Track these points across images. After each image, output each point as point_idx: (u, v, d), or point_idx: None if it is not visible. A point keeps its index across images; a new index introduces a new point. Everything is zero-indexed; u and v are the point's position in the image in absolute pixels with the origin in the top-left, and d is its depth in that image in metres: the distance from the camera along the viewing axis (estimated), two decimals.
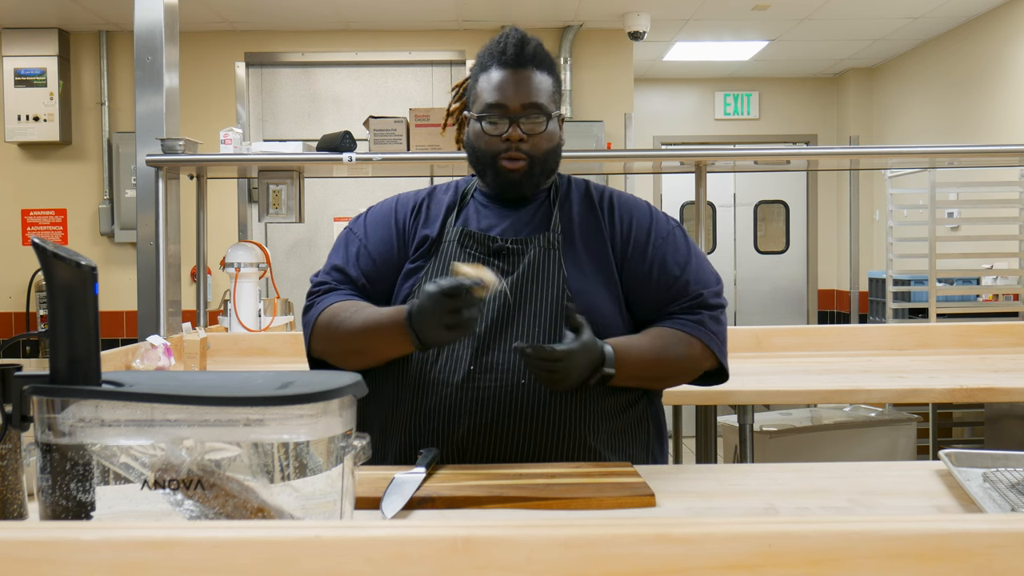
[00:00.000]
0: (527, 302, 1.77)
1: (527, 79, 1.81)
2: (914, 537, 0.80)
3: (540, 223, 1.85)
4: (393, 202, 1.94)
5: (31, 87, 6.00)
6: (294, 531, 0.81)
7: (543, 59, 1.84)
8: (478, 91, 1.84)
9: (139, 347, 2.90)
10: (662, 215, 1.91)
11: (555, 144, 1.85)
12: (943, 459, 1.59)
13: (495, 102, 1.80)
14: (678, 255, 1.84)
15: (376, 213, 1.93)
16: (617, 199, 1.90)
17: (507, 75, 1.81)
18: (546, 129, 1.82)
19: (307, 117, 6.30)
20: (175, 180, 3.61)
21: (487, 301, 1.75)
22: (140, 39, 3.58)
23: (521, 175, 1.82)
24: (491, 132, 1.81)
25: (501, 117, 1.80)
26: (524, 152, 1.81)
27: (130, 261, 5.75)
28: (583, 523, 0.82)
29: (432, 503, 1.45)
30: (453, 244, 1.84)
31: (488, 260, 1.80)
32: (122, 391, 1.08)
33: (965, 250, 5.22)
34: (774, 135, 7.89)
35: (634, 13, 5.88)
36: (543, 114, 1.81)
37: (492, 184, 1.85)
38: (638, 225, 1.86)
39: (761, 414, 4.44)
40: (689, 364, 1.81)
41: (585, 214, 1.87)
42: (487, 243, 1.82)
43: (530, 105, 1.80)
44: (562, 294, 1.78)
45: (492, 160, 1.82)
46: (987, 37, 5.96)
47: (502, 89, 1.80)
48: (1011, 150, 3.94)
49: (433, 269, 1.82)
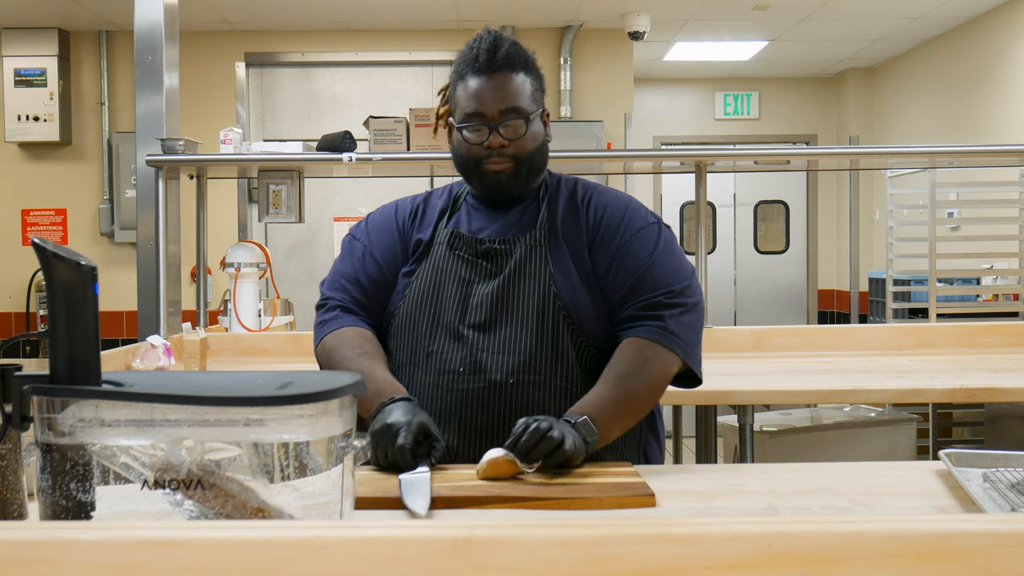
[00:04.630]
0: (514, 301, 1.78)
1: (502, 84, 1.80)
2: (914, 537, 0.80)
3: (528, 222, 1.85)
4: (392, 208, 1.96)
5: (31, 87, 6.00)
6: (294, 531, 0.81)
7: (517, 59, 1.82)
8: (457, 99, 1.84)
9: (139, 347, 2.90)
10: (642, 212, 1.86)
11: (540, 143, 1.85)
12: (943, 459, 1.59)
13: (473, 111, 1.80)
14: (643, 250, 1.79)
15: (377, 219, 1.95)
16: (598, 194, 1.87)
17: (482, 82, 1.80)
18: (527, 131, 1.81)
19: (307, 117, 6.30)
20: (175, 180, 3.61)
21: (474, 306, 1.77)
22: (140, 39, 3.58)
23: (507, 176, 1.82)
24: (472, 140, 1.81)
25: (480, 125, 1.80)
26: (508, 155, 1.81)
27: (130, 261, 5.75)
28: (583, 523, 0.82)
29: (432, 503, 1.45)
30: (443, 246, 1.85)
31: (476, 261, 1.82)
32: (122, 391, 1.08)
33: (965, 250, 5.22)
34: (774, 135, 7.89)
35: (634, 13, 5.88)
36: (521, 117, 1.80)
37: (479, 187, 1.86)
38: (609, 217, 1.83)
39: (761, 414, 4.44)
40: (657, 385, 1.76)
41: (568, 211, 1.86)
42: (475, 245, 1.83)
43: (507, 110, 1.79)
44: (548, 292, 1.78)
45: (476, 166, 1.83)
46: (987, 37, 5.96)
47: (478, 97, 1.80)
48: (1011, 150, 3.94)
49: (424, 272, 1.84)
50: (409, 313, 1.82)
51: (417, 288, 1.83)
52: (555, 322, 1.77)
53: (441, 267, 1.83)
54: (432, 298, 1.81)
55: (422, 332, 1.80)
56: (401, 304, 1.84)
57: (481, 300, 1.78)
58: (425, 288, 1.83)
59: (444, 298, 1.81)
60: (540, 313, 1.77)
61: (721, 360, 3.34)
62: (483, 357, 1.74)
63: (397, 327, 1.84)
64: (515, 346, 1.75)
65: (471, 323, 1.77)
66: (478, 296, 1.79)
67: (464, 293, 1.80)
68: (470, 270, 1.82)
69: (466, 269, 1.82)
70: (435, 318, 1.80)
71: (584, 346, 1.78)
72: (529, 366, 1.75)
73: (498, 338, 1.75)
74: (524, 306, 1.77)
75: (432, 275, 1.82)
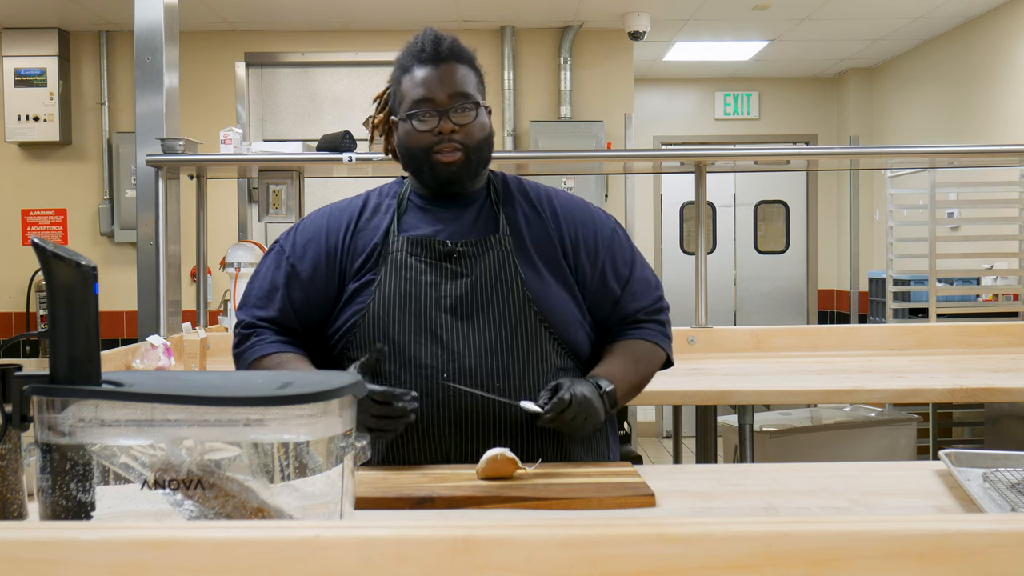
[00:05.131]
0: (488, 308, 1.77)
1: (450, 72, 1.81)
2: (914, 537, 0.80)
3: (487, 225, 1.84)
4: (324, 221, 1.88)
5: (31, 87, 6.00)
6: (294, 531, 0.81)
7: (461, 53, 1.84)
8: (403, 92, 1.83)
9: (139, 347, 2.90)
10: (601, 214, 1.93)
11: (487, 134, 1.85)
12: (943, 459, 1.59)
13: (421, 97, 1.79)
14: (624, 255, 1.89)
15: (307, 231, 1.88)
16: (557, 200, 1.90)
17: (429, 71, 1.80)
18: (476, 118, 1.81)
19: (307, 117, 6.30)
20: (175, 180, 3.61)
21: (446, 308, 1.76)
22: (140, 39, 3.58)
23: (459, 167, 1.80)
24: (422, 128, 1.80)
25: (430, 112, 1.79)
26: (458, 142, 1.79)
27: (130, 261, 5.74)
28: (583, 523, 0.82)
29: (432, 503, 1.45)
30: (401, 253, 1.80)
31: (439, 265, 1.79)
32: (122, 391, 1.08)
33: (965, 250, 5.21)
34: (774, 135, 7.89)
35: (634, 13, 5.87)
36: (471, 103, 1.80)
37: (430, 181, 1.83)
38: (584, 229, 1.87)
39: (761, 414, 4.44)
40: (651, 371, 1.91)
41: (531, 215, 1.87)
42: (437, 248, 1.80)
43: (457, 95, 1.79)
44: (522, 297, 1.78)
45: (426, 156, 1.80)
46: (987, 37, 5.96)
47: (427, 84, 1.80)
48: (1011, 150, 3.95)
49: (387, 280, 1.79)
50: (377, 321, 1.77)
51: (383, 296, 1.78)
52: (533, 324, 1.78)
53: (404, 274, 1.78)
54: (403, 304, 1.77)
55: (397, 338, 1.75)
56: (363, 314, 1.78)
57: (455, 302, 1.77)
58: (392, 295, 1.77)
59: (417, 303, 1.77)
60: (517, 319, 1.77)
61: (721, 360, 3.34)
62: (466, 361, 1.74)
63: (362, 336, 1.78)
64: (497, 348, 1.75)
65: (449, 326, 1.76)
66: (451, 298, 1.77)
67: (435, 296, 1.77)
68: (435, 273, 1.79)
69: (431, 273, 1.79)
70: (411, 323, 1.76)
71: (558, 345, 1.81)
72: (510, 370, 1.76)
73: (479, 340, 1.75)
74: (500, 313, 1.77)
75: (396, 282, 1.78)
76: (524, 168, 4.12)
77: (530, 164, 4.16)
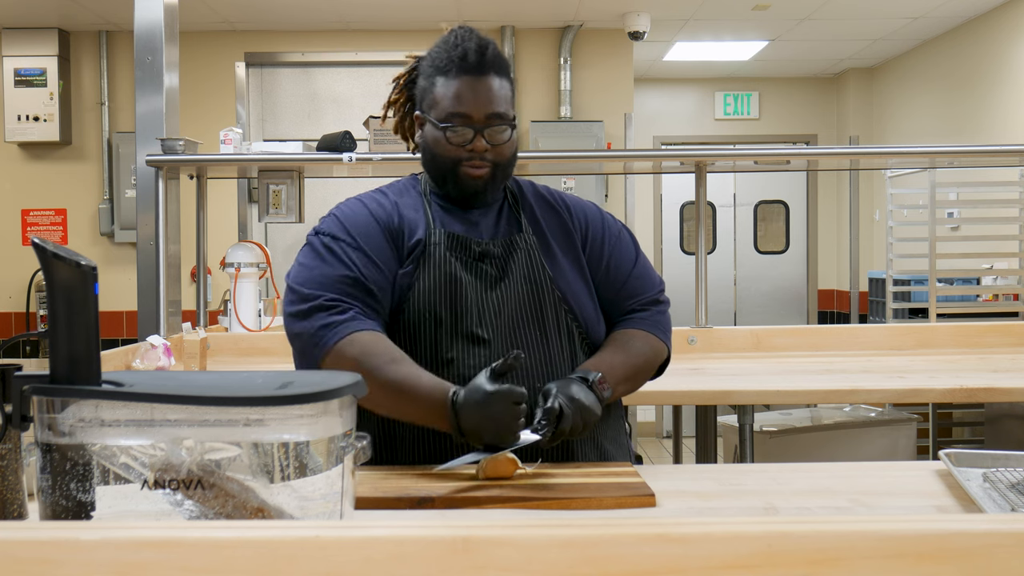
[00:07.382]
0: (525, 305, 1.79)
1: (489, 87, 1.76)
2: (914, 537, 0.80)
3: (509, 225, 1.85)
4: (364, 207, 1.82)
5: (31, 87, 6.00)
6: (294, 531, 0.81)
7: (502, 64, 1.81)
8: (436, 96, 1.78)
9: (139, 347, 2.90)
10: (609, 216, 1.97)
11: (515, 150, 1.84)
12: (943, 459, 1.59)
13: (458, 112, 1.75)
14: (628, 253, 1.92)
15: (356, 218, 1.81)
16: (570, 200, 1.95)
17: (469, 83, 1.76)
18: (510, 138, 1.80)
19: (307, 117, 6.30)
20: (175, 180, 3.61)
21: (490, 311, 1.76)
22: (140, 39, 3.58)
23: (484, 182, 1.79)
24: (455, 141, 1.77)
25: (465, 127, 1.76)
26: (488, 160, 1.78)
27: (130, 261, 5.74)
28: (583, 523, 0.82)
29: (432, 503, 1.45)
30: (440, 247, 1.78)
31: (474, 264, 1.79)
32: (122, 391, 1.08)
33: (965, 250, 5.21)
34: (774, 135, 7.89)
35: (634, 13, 5.87)
36: (506, 123, 1.78)
37: (453, 191, 1.81)
38: (593, 226, 1.91)
39: (761, 414, 4.44)
40: (652, 363, 1.89)
41: (549, 215, 1.89)
42: (472, 247, 1.80)
43: (494, 115, 1.76)
44: (553, 295, 1.80)
45: (454, 168, 1.78)
46: (987, 37, 5.96)
47: (465, 98, 1.75)
48: (1011, 150, 3.94)
49: (427, 275, 1.76)
50: (418, 319, 1.74)
51: (423, 292, 1.75)
52: (566, 325, 1.81)
53: (444, 270, 1.76)
54: (444, 303, 1.74)
55: (437, 339, 1.73)
56: (404, 308, 1.75)
57: (495, 305, 1.77)
58: (432, 292, 1.75)
59: (457, 303, 1.75)
60: (551, 315, 1.79)
61: (721, 360, 3.34)
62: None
63: (401, 333, 1.75)
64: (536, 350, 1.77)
65: (490, 328, 1.75)
66: (491, 301, 1.77)
67: (475, 298, 1.76)
68: (471, 273, 1.78)
69: (467, 272, 1.78)
70: (451, 323, 1.74)
71: (586, 344, 1.84)
72: (549, 370, 1.77)
73: (518, 343, 1.76)
74: (535, 310, 1.79)
75: (437, 279, 1.75)
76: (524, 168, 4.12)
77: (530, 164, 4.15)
